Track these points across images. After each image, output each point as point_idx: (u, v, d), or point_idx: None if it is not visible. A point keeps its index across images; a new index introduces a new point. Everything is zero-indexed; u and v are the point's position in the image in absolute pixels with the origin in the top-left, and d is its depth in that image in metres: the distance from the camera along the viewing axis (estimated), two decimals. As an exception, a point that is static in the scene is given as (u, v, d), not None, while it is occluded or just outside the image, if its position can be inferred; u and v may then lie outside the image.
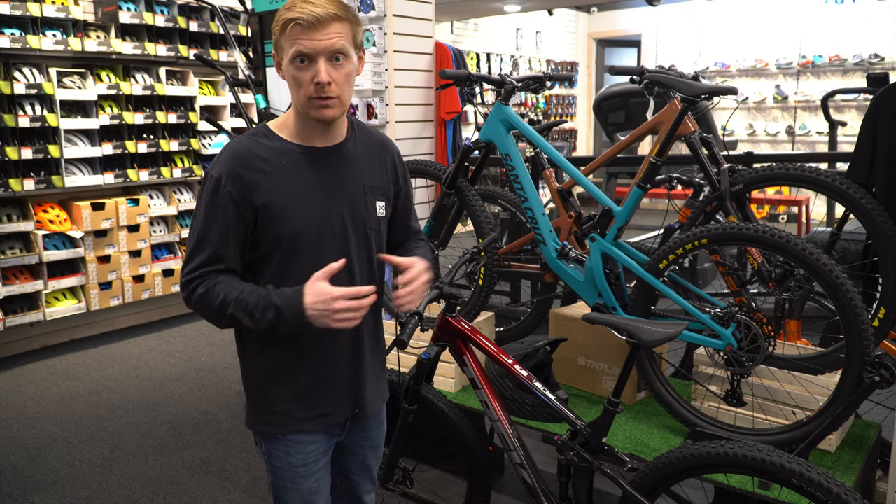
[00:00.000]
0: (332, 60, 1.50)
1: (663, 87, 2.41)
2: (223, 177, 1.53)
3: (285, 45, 1.50)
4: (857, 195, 2.20)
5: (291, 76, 1.52)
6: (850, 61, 8.97)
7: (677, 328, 1.88)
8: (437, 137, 3.97)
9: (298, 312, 1.48)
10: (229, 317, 1.53)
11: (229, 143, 1.60)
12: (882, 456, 2.54)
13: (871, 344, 2.02)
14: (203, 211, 1.56)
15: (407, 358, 2.89)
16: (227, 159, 1.56)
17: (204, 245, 1.55)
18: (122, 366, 4.62)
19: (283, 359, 1.65)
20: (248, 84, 3.99)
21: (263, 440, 1.71)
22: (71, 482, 3.17)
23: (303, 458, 1.69)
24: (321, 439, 1.72)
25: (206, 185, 1.56)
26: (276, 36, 1.52)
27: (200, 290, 1.54)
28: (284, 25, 1.48)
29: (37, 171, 4.68)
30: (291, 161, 1.58)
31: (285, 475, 1.70)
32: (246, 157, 1.55)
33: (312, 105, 1.53)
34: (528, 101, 10.35)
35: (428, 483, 2.96)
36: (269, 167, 1.56)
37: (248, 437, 3.57)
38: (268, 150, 1.58)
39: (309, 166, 1.60)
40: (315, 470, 1.72)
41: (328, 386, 1.68)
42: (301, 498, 1.73)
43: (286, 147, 1.60)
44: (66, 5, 4.64)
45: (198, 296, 1.54)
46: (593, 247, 2.55)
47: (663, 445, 2.41)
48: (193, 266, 1.56)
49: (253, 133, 1.62)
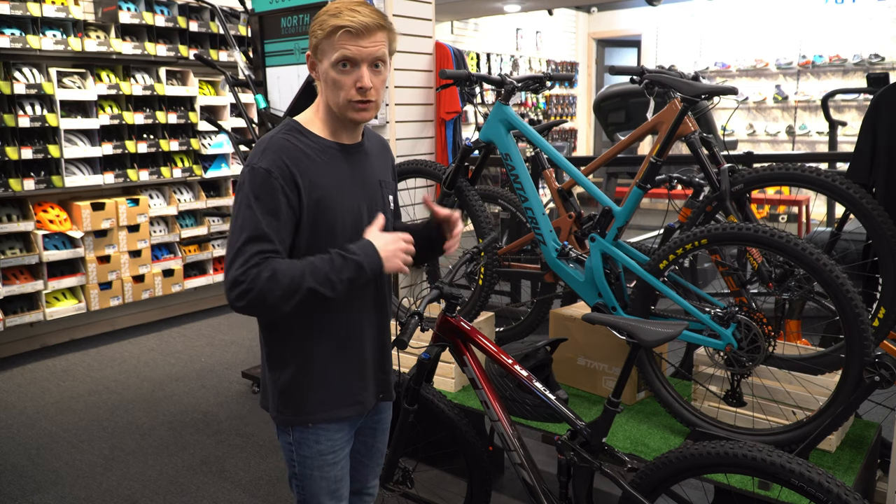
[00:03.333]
0: (373, 67, 1.59)
1: (663, 87, 2.41)
2: (273, 169, 1.55)
3: (328, 48, 1.57)
4: (857, 195, 2.20)
5: (333, 79, 1.59)
6: (850, 61, 8.98)
7: (677, 328, 1.88)
8: (437, 137, 3.97)
9: (376, 258, 1.58)
10: (305, 291, 1.52)
11: (268, 138, 1.62)
12: (882, 456, 2.54)
13: (871, 344, 2.02)
14: (253, 202, 1.54)
15: (407, 358, 2.89)
16: (275, 153, 1.57)
17: (257, 233, 1.53)
18: (122, 366, 4.62)
19: (320, 351, 1.69)
20: (248, 84, 3.99)
21: (292, 430, 1.73)
22: (71, 482, 3.17)
23: (331, 445, 1.74)
24: (346, 427, 1.77)
25: (252, 178, 1.56)
26: (318, 39, 1.58)
27: (265, 273, 1.50)
28: (333, 31, 1.55)
29: (37, 171, 4.68)
30: (329, 157, 1.65)
31: (314, 464, 1.74)
32: (291, 152, 1.59)
33: (352, 108, 1.61)
34: (528, 101, 10.36)
35: (428, 483, 2.96)
36: (311, 162, 1.61)
37: (248, 437, 3.57)
38: (306, 145, 1.63)
39: (343, 162, 1.68)
40: (341, 458, 1.78)
41: (360, 373, 1.75)
42: (327, 486, 1.77)
43: (322, 143, 1.66)
44: (66, 5, 4.64)
45: (263, 281, 1.50)
46: (593, 247, 2.55)
47: (663, 445, 2.42)
48: (251, 254, 1.52)
49: (286, 130, 1.65)
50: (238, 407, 3.95)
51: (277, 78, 4.02)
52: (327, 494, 1.77)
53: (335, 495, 1.79)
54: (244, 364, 4.53)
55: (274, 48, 4.00)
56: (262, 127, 4.13)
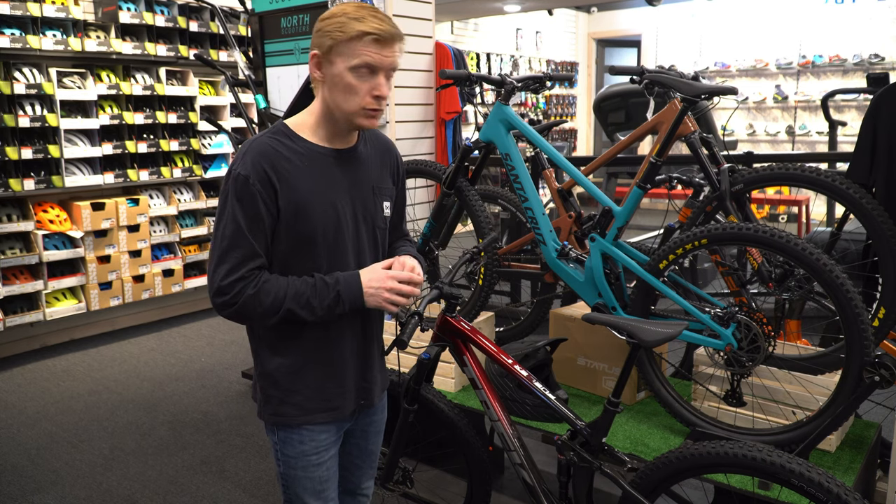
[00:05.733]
0: (387, 76, 1.59)
1: (663, 87, 2.41)
2: (251, 175, 1.54)
3: (347, 52, 1.53)
4: (857, 195, 2.20)
5: (347, 83, 1.55)
6: (850, 61, 8.98)
7: (677, 328, 1.88)
8: (437, 137, 3.97)
9: (357, 293, 1.59)
10: (284, 312, 1.55)
11: (252, 142, 1.60)
12: (882, 456, 2.54)
13: (871, 344, 2.02)
14: (232, 209, 1.54)
15: (407, 358, 2.89)
16: (254, 158, 1.56)
17: (239, 243, 1.54)
18: (122, 366, 4.62)
19: (296, 355, 1.68)
20: (248, 84, 3.99)
21: (276, 430, 1.73)
22: (71, 482, 3.17)
23: (315, 446, 1.73)
24: (332, 429, 1.76)
25: (232, 184, 1.55)
26: (337, 41, 1.53)
27: (249, 290, 1.53)
28: (358, 36, 1.51)
29: (37, 171, 4.68)
30: (313, 162, 1.62)
31: (297, 464, 1.73)
32: (271, 157, 1.57)
33: (364, 114, 1.59)
34: (528, 101, 10.36)
35: (428, 483, 2.96)
36: (292, 167, 1.58)
37: (248, 437, 3.57)
38: (290, 150, 1.60)
39: (329, 167, 1.64)
40: (326, 458, 1.77)
41: (338, 381, 1.73)
42: (312, 487, 1.76)
43: (308, 147, 1.63)
44: (66, 5, 4.64)
45: (247, 297, 1.53)
46: (593, 247, 2.55)
47: (663, 445, 2.42)
48: (231, 266, 1.53)
49: (273, 132, 1.63)
50: (238, 407, 3.95)
51: (277, 78, 4.02)
52: (312, 494, 1.76)
53: (321, 496, 1.78)
54: (244, 364, 4.53)
55: (274, 48, 4.00)
56: (262, 127, 4.13)
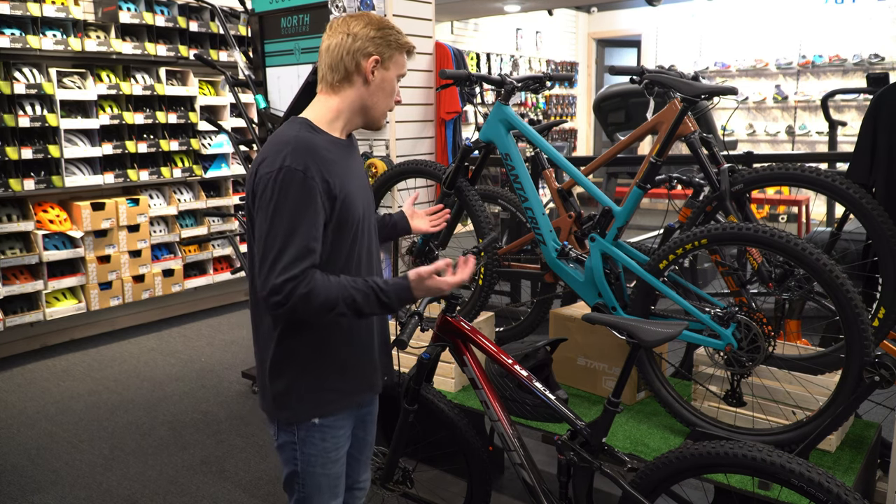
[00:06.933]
0: None
1: (663, 87, 2.41)
2: (308, 168, 1.55)
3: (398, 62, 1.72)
4: (857, 195, 2.20)
5: (392, 88, 1.73)
6: (850, 61, 8.97)
7: (677, 328, 1.88)
8: (437, 137, 3.97)
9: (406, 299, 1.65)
10: (335, 315, 1.58)
11: (289, 137, 1.60)
12: (882, 456, 2.54)
13: (871, 344, 2.02)
14: (291, 204, 1.53)
15: (407, 358, 2.89)
16: (303, 152, 1.56)
17: (295, 239, 1.53)
18: (122, 366, 4.62)
19: (326, 334, 1.69)
20: (248, 84, 3.99)
21: (297, 429, 1.72)
22: (71, 482, 3.17)
23: (335, 442, 1.76)
24: (347, 424, 1.79)
25: (287, 179, 1.53)
26: (392, 51, 1.69)
27: (302, 289, 1.52)
28: (406, 50, 1.73)
29: (37, 171, 4.68)
30: (341, 154, 1.68)
31: (317, 461, 1.74)
32: (315, 150, 1.59)
33: (385, 115, 1.77)
34: (528, 101, 10.35)
35: (428, 483, 2.96)
36: (332, 158, 1.63)
37: (248, 437, 3.57)
38: (325, 141, 1.65)
39: (347, 157, 1.72)
40: (342, 454, 1.80)
41: (369, 355, 1.78)
42: (329, 483, 1.78)
43: (332, 140, 1.68)
44: (66, 5, 4.64)
45: (299, 296, 1.52)
46: (593, 247, 2.55)
47: (663, 445, 2.41)
48: (286, 264, 1.52)
49: (298, 127, 1.64)
50: (238, 407, 3.95)
51: (277, 78, 4.02)
52: (328, 491, 1.79)
53: (334, 492, 1.81)
54: (244, 364, 4.53)
55: (274, 48, 4.00)
56: (262, 127, 4.13)
